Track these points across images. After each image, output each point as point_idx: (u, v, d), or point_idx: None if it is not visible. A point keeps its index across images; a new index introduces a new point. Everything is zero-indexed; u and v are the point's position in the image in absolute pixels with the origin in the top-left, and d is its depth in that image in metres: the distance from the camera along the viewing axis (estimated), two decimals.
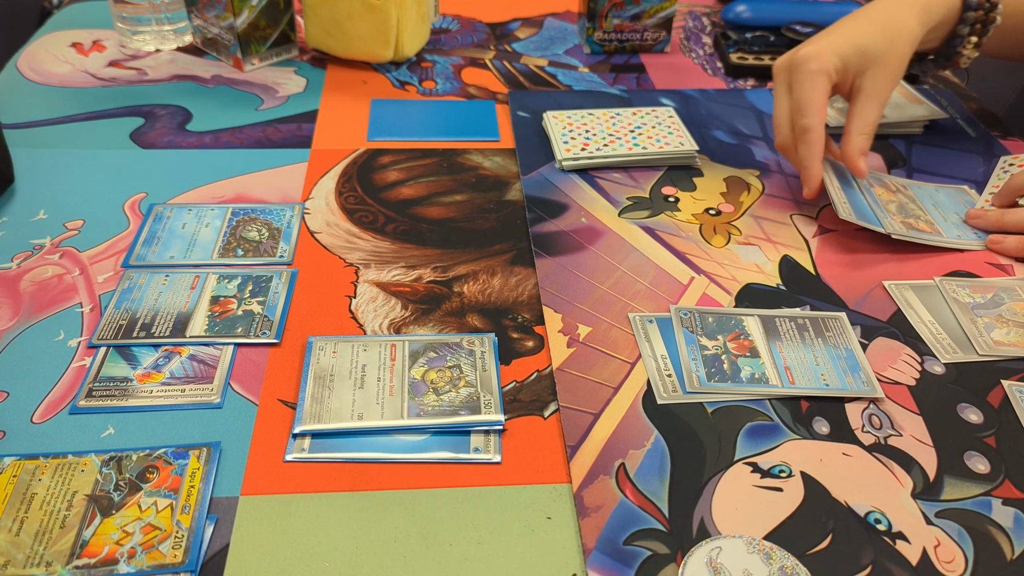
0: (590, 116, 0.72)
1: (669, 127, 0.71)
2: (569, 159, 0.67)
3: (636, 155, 0.67)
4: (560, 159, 0.67)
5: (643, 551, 0.39)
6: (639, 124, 0.71)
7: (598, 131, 0.70)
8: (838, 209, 0.59)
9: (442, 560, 0.39)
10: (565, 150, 0.67)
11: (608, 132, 0.70)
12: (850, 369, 0.49)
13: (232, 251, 0.57)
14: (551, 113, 0.73)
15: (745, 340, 0.51)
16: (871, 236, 0.61)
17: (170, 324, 0.51)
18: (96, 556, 0.38)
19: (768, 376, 0.48)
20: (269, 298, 0.53)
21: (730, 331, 0.51)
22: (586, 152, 0.67)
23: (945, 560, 0.40)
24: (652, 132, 0.70)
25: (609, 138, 0.69)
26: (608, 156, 0.67)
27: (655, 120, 0.72)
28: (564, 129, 0.70)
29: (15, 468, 0.42)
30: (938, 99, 0.79)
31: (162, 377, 0.47)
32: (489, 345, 0.50)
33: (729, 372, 0.49)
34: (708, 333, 0.51)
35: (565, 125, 0.71)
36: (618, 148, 0.68)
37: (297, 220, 0.60)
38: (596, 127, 0.70)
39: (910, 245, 0.60)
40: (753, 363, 0.49)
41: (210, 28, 0.79)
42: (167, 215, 0.60)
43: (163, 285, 0.53)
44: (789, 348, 0.50)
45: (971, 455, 0.45)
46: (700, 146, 0.70)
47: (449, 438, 0.45)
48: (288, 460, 0.43)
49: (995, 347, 0.51)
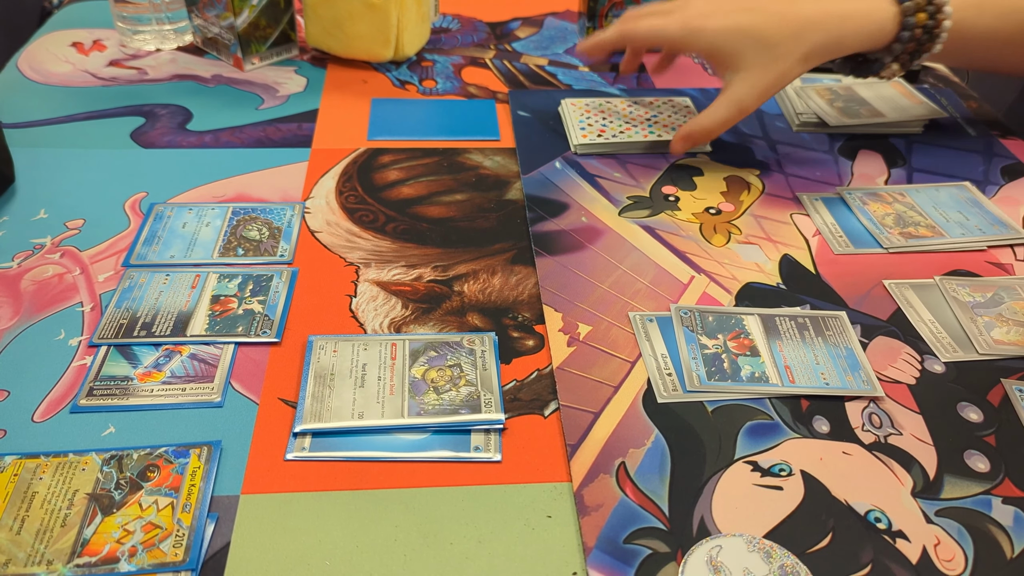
0: (608, 104, 0.73)
1: (685, 116, 0.72)
2: (584, 145, 0.67)
3: (651, 142, 0.69)
4: (575, 144, 0.68)
5: (643, 550, 0.40)
6: (656, 113, 0.72)
7: (615, 118, 0.71)
8: (832, 245, 0.59)
9: (442, 559, 0.39)
10: (582, 136, 0.68)
11: (625, 120, 0.71)
12: (850, 368, 0.49)
13: (232, 250, 0.57)
14: (569, 100, 0.74)
15: (745, 339, 0.51)
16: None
17: (171, 323, 0.51)
18: (97, 555, 0.38)
19: (768, 375, 0.48)
20: (270, 297, 0.53)
21: (730, 330, 0.51)
22: (602, 139, 0.68)
23: (945, 559, 0.40)
24: (668, 121, 0.71)
25: (625, 125, 0.70)
26: (623, 142, 0.68)
27: (671, 109, 0.73)
28: (582, 116, 0.71)
29: (16, 467, 0.42)
30: (938, 98, 0.79)
31: (163, 376, 0.47)
32: (489, 344, 0.50)
33: (729, 371, 0.49)
34: (708, 332, 0.51)
35: (583, 112, 0.72)
36: (634, 136, 0.69)
37: (297, 219, 0.60)
38: (613, 115, 0.71)
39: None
40: (753, 362, 0.49)
41: (210, 28, 0.79)
42: (168, 214, 0.60)
43: (164, 284, 0.53)
44: (789, 347, 0.50)
45: (971, 454, 0.45)
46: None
47: (449, 437, 0.45)
48: (289, 459, 0.43)
49: (995, 346, 0.51)
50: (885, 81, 0.78)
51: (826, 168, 0.69)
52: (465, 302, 0.54)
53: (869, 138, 0.73)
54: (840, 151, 0.71)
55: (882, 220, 0.62)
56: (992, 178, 0.68)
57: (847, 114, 0.73)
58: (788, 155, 0.70)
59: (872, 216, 0.62)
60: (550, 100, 0.76)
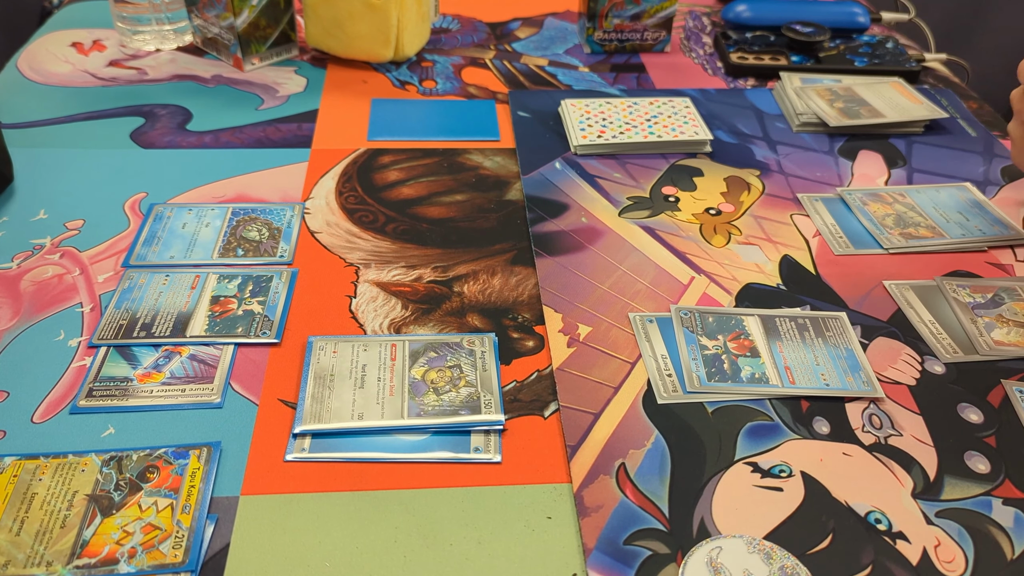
0: (608, 104, 0.73)
1: (685, 117, 0.72)
2: (584, 145, 0.68)
3: (651, 143, 0.69)
4: (575, 145, 0.68)
5: (643, 551, 0.39)
6: (656, 113, 0.72)
7: (615, 119, 0.71)
8: (832, 246, 0.59)
9: (442, 560, 0.39)
10: (582, 137, 0.68)
11: (625, 120, 0.71)
12: (850, 369, 0.49)
13: (232, 251, 0.57)
14: (569, 101, 0.74)
15: (745, 340, 0.51)
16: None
17: (170, 324, 0.50)
18: (96, 556, 0.38)
19: (768, 376, 0.48)
20: (269, 298, 0.53)
21: (730, 331, 0.51)
22: (602, 139, 0.68)
23: (945, 560, 0.40)
24: (668, 121, 0.71)
25: (625, 126, 0.70)
26: (623, 143, 0.68)
27: (671, 110, 0.73)
28: (582, 116, 0.71)
29: (15, 468, 0.42)
30: (938, 99, 0.79)
31: (162, 377, 0.47)
32: (489, 345, 0.50)
33: (729, 372, 0.49)
34: (708, 333, 0.51)
35: (583, 113, 0.72)
36: (634, 136, 0.69)
37: (297, 220, 0.60)
38: (613, 115, 0.71)
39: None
40: (753, 363, 0.49)
41: (210, 28, 0.79)
42: (167, 215, 0.60)
43: (163, 285, 0.53)
44: (789, 348, 0.50)
45: (971, 455, 0.45)
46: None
47: (449, 438, 0.45)
48: (289, 460, 0.43)
49: (995, 347, 0.51)
50: (886, 82, 0.78)
51: (826, 168, 0.69)
52: (465, 303, 0.54)
53: (869, 138, 0.73)
54: (840, 151, 0.71)
55: (882, 220, 0.62)
56: (992, 178, 0.68)
57: (847, 114, 0.73)
58: (788, 155, 0.70)
59: (872, 216, 0.62)
60: (550, 100, 0.76)
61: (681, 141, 0.69)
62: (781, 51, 0.84)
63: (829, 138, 0.73)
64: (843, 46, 0.85)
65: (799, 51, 0.84)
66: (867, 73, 0.81)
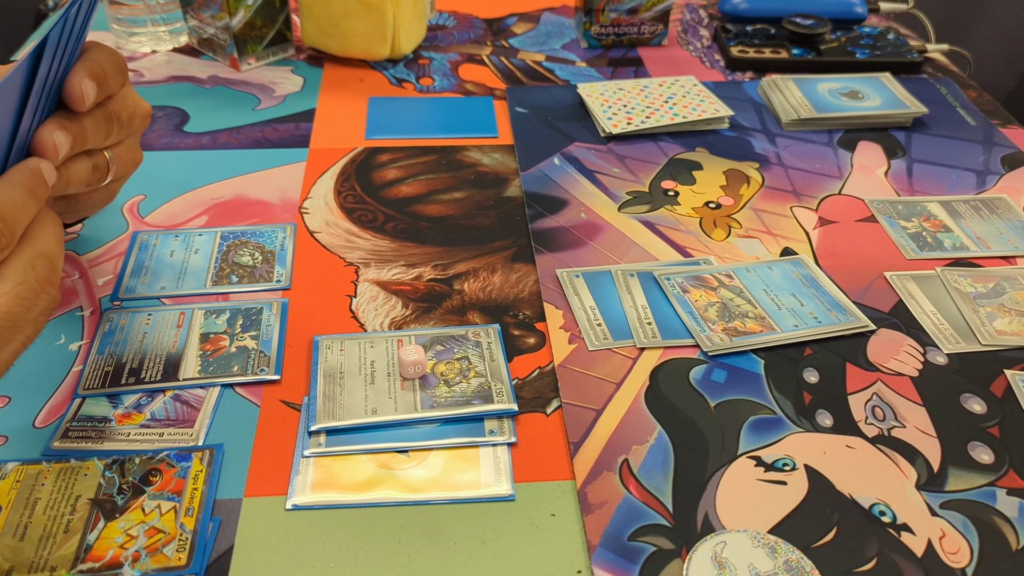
0: (620, 91, 0.74)
1: (699, 95, 0.73)
2: (618, 132, 0.69)
3: (678, 124, 0.70)
4: (607, 131, 0.69)
5: (648, 547, 0.39)
6: (670, 95, 0.73)
7: (635, 104, 0.72)
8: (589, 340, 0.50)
9: (447, 559, 0.39)
10: (612, 125, 0.70)
11: (645, 105, 0.72)
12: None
13: (226, 278, 0.54)
14: (583, 86, 0.75)
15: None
16: (872, 226, 0.61)
17: (160, 367, 0.47)
18: (100, 560, 0.38)
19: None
20: (262, 331, 0.50)
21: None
22: (631, 126, 0.70)
23: (950, 551, 0.40)
24: (685, 101, 0.72)
25: (648, 110, 0.71)
26: (653, 127, 0.70)
27: (683, 90, 0.74)
28: (603, 106, 0.72)
29: (18, 473, 0.42)
30: (937, 88, 0.79)
31: (142, 419, 0.45)
32: (494, 335, 0.50)
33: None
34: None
35: (602, 101, 0.73)
36: (660, 119, 0.70)
37: (291, 241, 0.58)
38: (632, 101, 0.73)
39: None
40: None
41: (206, 28, 0.79)
42: (153, 243, 0.57)
43: (147, 325, 0.50)
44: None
45: (975, 445, 0.45)
46: (699, 139, 0.70)
47: (464, 425, 0.45)
48: (307, 456, 0.43)
49: (998, 337, 0.51)
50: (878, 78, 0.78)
51: (826, 160, 0.69)
52: (466, 300, 0.54)
53: (869, 129, 0.73)
54: (840, 143, 0.71)
55: (703, 312, 0.52)
56: (992, 167, 0.68)
57: (828, 108, 0.72)
58: (787, 148, 0.70)
59: (693, 308, 0.52)
60: (548, 96, 0.76)
61: (705, 119, 0.71)
62: (782, 44, 0.83)
63: (828, 130, 0.73)
64: (844, 38, 0.84)
65: (800, 44, 0.83)
66: (868, 65, 0.81)
